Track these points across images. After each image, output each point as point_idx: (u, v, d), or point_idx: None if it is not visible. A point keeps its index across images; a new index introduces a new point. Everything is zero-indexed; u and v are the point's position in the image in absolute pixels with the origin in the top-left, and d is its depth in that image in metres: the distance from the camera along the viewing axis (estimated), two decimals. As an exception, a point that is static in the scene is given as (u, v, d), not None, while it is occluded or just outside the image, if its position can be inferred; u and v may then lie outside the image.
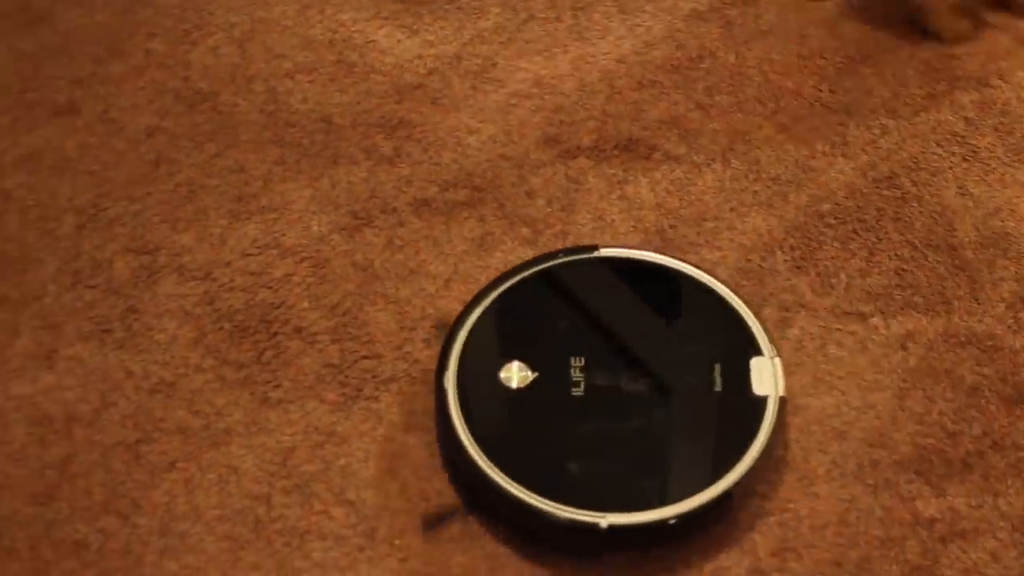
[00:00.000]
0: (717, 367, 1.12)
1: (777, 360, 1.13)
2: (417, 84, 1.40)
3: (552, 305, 1.17)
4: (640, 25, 1.44)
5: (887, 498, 1.10)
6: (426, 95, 1.39)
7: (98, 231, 1.29)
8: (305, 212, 1.30)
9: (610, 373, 1.12)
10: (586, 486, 1.05)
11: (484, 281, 1.23)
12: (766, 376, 1.12)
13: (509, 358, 1.13)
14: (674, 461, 1.07)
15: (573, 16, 1.45)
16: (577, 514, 1.04)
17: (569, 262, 1.20)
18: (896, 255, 1.25)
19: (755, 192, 1.31)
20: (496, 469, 1.07)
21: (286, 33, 1.45)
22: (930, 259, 1.25)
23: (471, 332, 1.16)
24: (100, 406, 1.17)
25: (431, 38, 1.43)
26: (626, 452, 1.08)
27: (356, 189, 1.31)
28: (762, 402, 1.10)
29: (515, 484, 1.06)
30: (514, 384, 1.12)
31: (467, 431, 1.09)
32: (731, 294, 1.18)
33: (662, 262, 1.20)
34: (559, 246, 1.26)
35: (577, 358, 1.13)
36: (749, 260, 1.25)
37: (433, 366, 1.14)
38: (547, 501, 1.05)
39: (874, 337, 1.20)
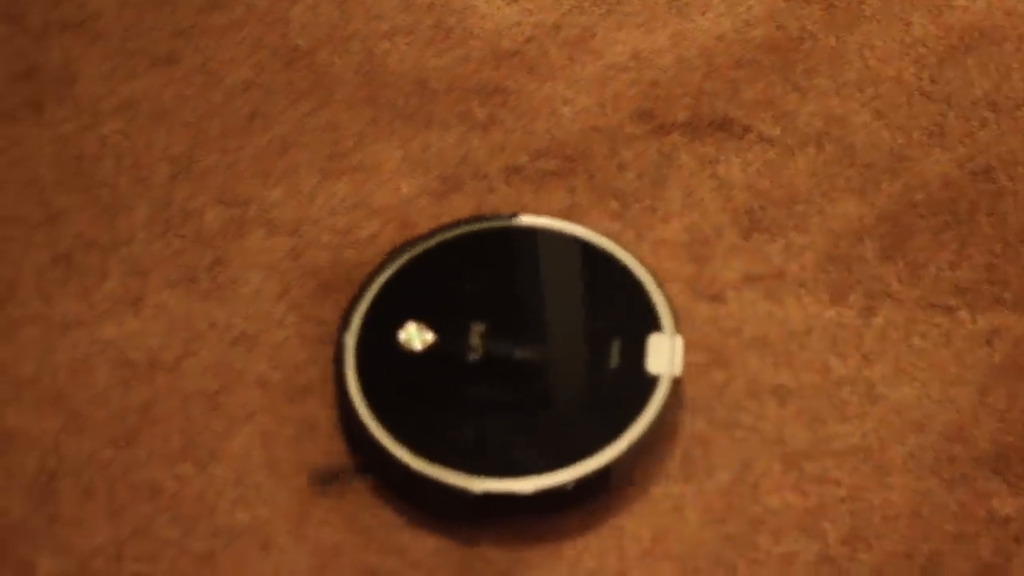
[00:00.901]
0: (616, 342, 1.11)
1: (678, 339, 1.12)
2: (515, 51, 1.39)
3: (462, 270, 1.17)
4: (741, 3, 1.43)
5: (963, 493, 1.09)
6: (523, 63, 1.38)
7: (190, 181, 1.30)
8: (395, 174, 1.30)
9: (508, 342, 1.12)
10: (466, 451, 1.06)
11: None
12: (663, 355, 1.11)
13: (411, 320, 1.13)
14: (556, 434, 1.07)
15: (674, -9, 1.44)
16: (453, 477, 1.04)
17: (485, 228, 1.20)
18: (988, 250, 1.23)
19: (848, 178, 1.29)
20: (382, 428, 1.07)
21: (386, -6, 1.45)
22: (1022, 255, 1.23)
23: (379, 292, 1.15)
24: (183, 354, 1.19)
25: (530, 6, 1.43)
26: (510, 421, 1.08)
27: (447, 154, 1.31)
28: (654, 381, 1.09)
29: (397, 444, 1.06)
30: (412, 346, 1.12)
31: (359, 389, 1.09)
32: (642, 270, 1.17)
33: (579, 234, 1.20)
34: (646, 220, 1.25)
35: (478, 324, 1.13)
36: (837, 247, 1.24)
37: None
38: (425, 463, 1.05)
39: (960, 331, 1.18)
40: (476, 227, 1.21)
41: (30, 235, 1.26)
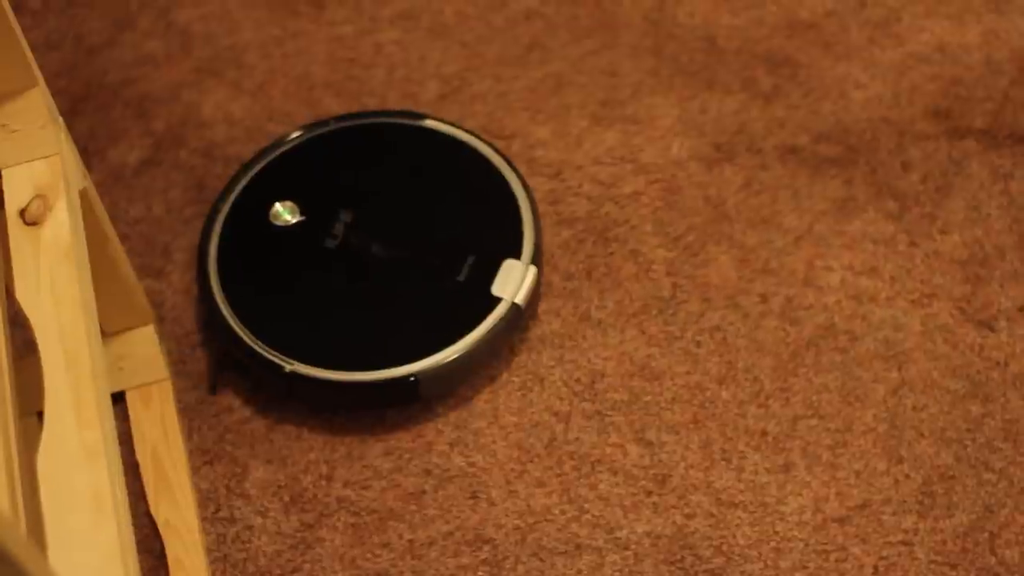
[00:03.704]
0: (471, 258, 1.10)
1: (531, 269, 1.10)
2: (812, 23, 1.32)
3: (351, 159, 1.17)
4: (1065, 8, 1.33)
5: None
6: (819, 37, 1.31)
7: (458, 104, 1.27)
8: (668, 132, 1.25)
9: (370, 235, 1.12)
10: (291, 333, 1.08)
11: (837, 245, 1.17)
12: (512, 280, 1.09)
13: (285, 199, 1.14)
14: (383, 333, 1.08)
15: (994, -17, 1.34)
16: (271, 355, 1.06)
17: (389, 124, 1.19)
18: None
19: None
20: (224, 299, 1.09)
21: (688, -60, 1.38)
22: None
23: (264, 168, 1.16)
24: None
25: (838, -23, 1.35)
26: (345, 312, 1.09)
27: (725, 120, 1.25)
28: (494, 302, 1.08)
29: (233, 315, 1.08)
30: (277, 222, 1.13)
31: (215, 265, 1.11)
32: (527, 203, 1.14)
33: (480, 149, 1.17)
34: (923, 228, 1.18)
35: (347, 212, 1.13)
36: None
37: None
38: (251, 336, 1.08)
39: None
40: (378, 120, 1.20)
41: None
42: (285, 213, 1.14)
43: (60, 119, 0.91)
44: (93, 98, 1.29)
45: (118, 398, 1.10)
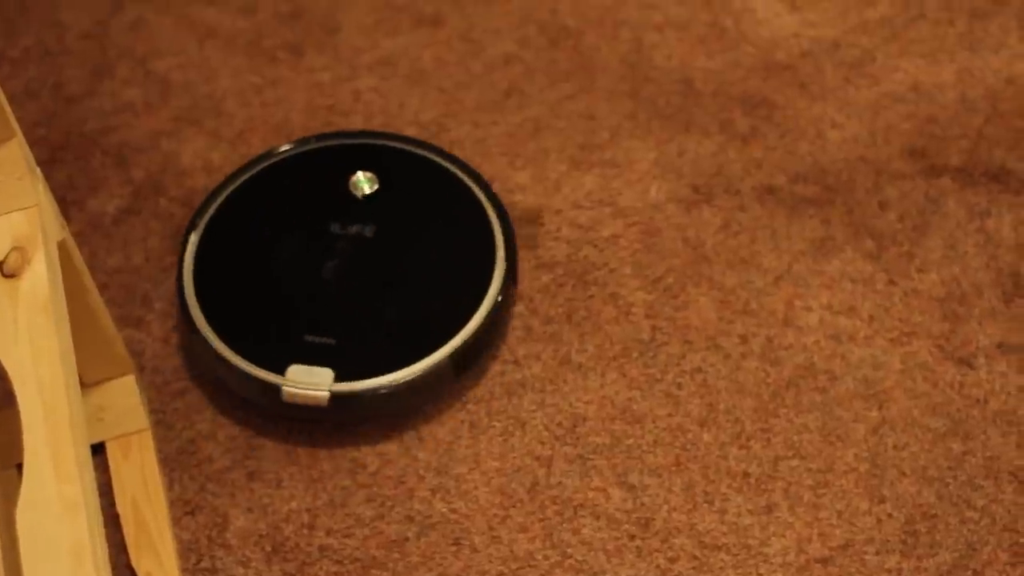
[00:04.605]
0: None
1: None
2: (788, 64, 1.33)
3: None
4: (1038, 47, 1.34)
5: None
6: (795, 77, 1.32)
7: (437, 150, 1.27)
8: (646, 175, 1.25)
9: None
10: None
11: (816, 285, 1.17)
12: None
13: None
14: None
15: (968, 23, 1.35)
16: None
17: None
18: None
19: None
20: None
21: (664, -16, 1.39)
22: None
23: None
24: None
25: (813, 18, 1.36)
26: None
27: (703, 162, 1.26)
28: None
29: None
30: (356, 191, 1.16)
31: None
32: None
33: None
34: (902, 267, 1.18)
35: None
36: (1106, 328, 1.15)
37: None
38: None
39: None
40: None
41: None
42: (364, 184, 1.17)
43: (38, 170, 0.91)
44: (72, 147, 1.29)
45: (98, 448, 1.10)
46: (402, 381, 1.08)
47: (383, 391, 1.08)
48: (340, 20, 1.37)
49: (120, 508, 1.07)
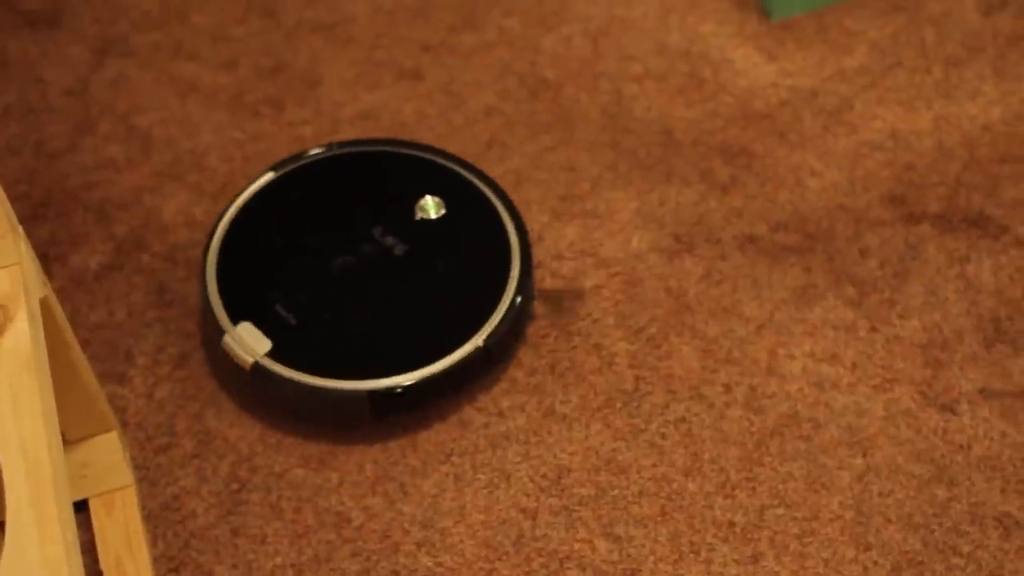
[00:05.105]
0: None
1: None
2: (767, 113, 1.34)
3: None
4: (1014, 93, 1.35)
5: None
6: (774, 126, 1.33)
7: (419, 202, 1.28)
8: (627, 225, 1.26)
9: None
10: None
11: (798, 333, 1.18)
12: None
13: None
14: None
15: (944, 70, 1.37)
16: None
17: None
18: None
19: (1108, 299, 1.20)
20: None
21: (642, 35, 1.40)
22: None
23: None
24: (388, 381, 1.16)
25: (790, 67, 1.37)
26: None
27: (683, 212, 1.26)
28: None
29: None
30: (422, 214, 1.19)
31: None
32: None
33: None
34: (883, 313, 1.19)
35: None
36: (1087, 372, 1.16)
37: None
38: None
39: None
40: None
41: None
42: (430, 208, 1.20)
43: (20, 228, 0.91)
44: (54, 203, 1.29)
45: (82, 505, 1.09)
46: (319, 387, 1.11)
47: (294, 383, 1.11)
48: (321, 74, 1.38)
49: (104, 566, 1.07)
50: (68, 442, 1.06)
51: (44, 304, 0.92)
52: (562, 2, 1.43)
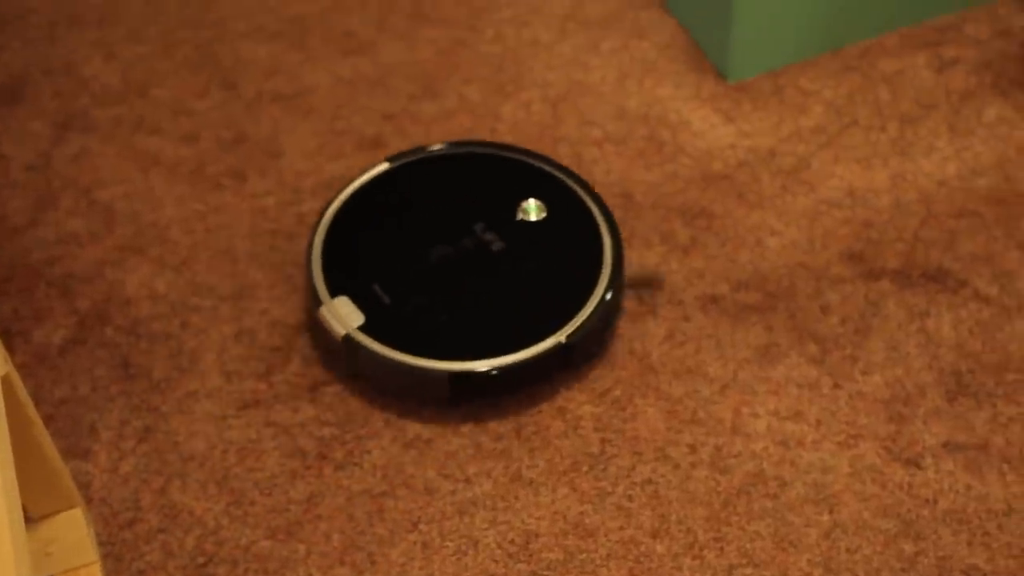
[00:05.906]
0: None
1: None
2: (725, 174, 1.35)
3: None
4: (968, 149, 1.36)
5: None
6: (732, 187, 1.34)
7: (382, 270, 1.28)
8: (590, 288, 1.26)
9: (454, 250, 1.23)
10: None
11: (762, 392, 1.18)
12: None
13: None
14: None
15: (899, 128, 1.38)
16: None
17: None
18: None
19: (1067, 350, 1.22)
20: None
21: (600, 100, 1.42)
22: None
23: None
24: (354, 448, 1.16)
25: (747, 128, 1.38)
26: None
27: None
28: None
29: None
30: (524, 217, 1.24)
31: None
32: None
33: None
34: (846, 370, 1.20)
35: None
36: (1049, 424, 1.16)
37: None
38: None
39: None
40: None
41: (217, 307, 1.26)
42: (532, 210, 1.26)
43: (-21, 307, 0.91)
44: (16, 279, 1.29)
45: (47, 584, 1.09)
46: (403, 363, 1.16)
47: (380, 360, 1.16)
48: (282, 145, 1.38)
49: (69, 644, 1.06)
50: (31, 520, 1.06)
51: (5, 381, 0.92)
52: (520, 69, 1.45)
